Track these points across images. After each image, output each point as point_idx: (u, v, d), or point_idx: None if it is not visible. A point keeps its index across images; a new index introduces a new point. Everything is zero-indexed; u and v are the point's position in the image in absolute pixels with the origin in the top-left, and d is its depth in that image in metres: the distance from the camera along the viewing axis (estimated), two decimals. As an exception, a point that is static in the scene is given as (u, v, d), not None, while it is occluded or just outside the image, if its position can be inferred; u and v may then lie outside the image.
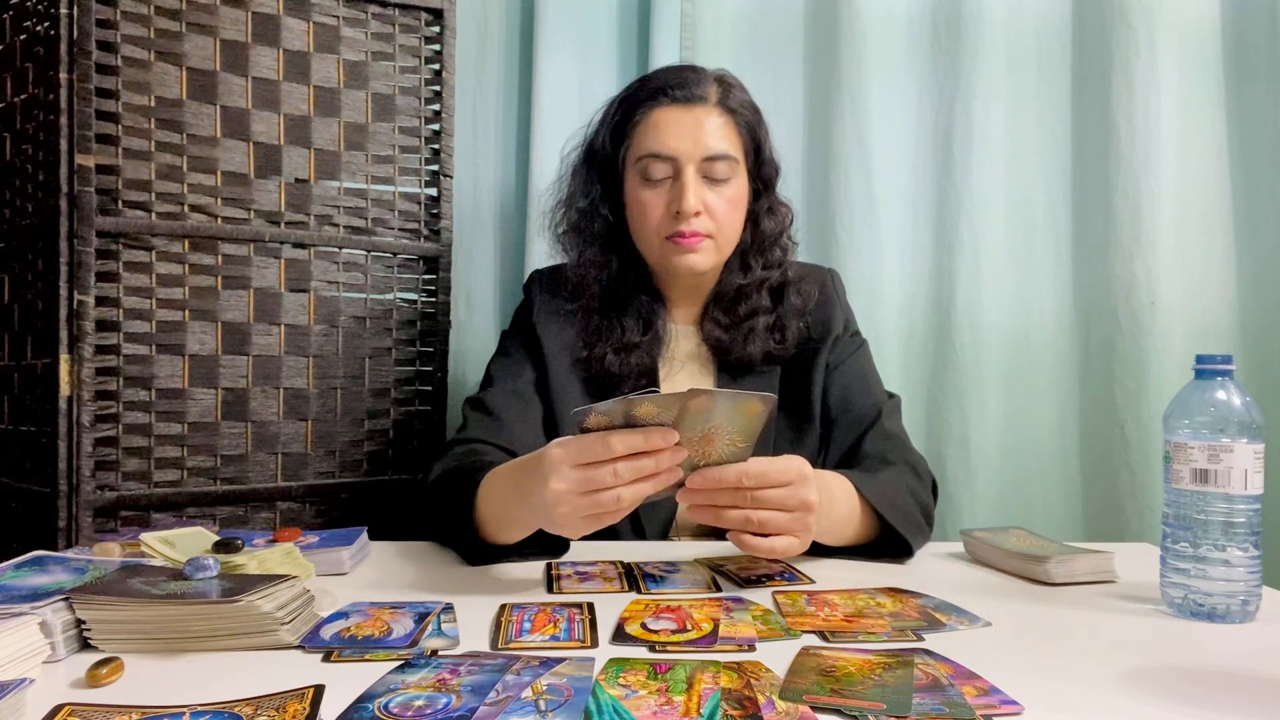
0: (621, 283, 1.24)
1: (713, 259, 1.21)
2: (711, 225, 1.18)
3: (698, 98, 1.18)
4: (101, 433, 1.29)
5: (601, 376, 1.21)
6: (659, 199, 1.18)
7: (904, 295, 1.70)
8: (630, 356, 1.21)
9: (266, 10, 1.39)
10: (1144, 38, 1.62)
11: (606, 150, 1.23)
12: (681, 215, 1.16)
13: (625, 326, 1.22)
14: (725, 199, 1.18)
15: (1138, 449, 1.61)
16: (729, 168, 1.18)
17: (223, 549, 0.86)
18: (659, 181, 1.18)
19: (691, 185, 1.16)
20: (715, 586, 0.91)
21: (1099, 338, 1.67)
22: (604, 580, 0.92)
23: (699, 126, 1.17)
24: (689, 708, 0.59)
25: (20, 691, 0.58)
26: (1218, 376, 0.82)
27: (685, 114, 1.17)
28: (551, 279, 1.29)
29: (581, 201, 1.25)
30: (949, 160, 1.67)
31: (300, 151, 1.42)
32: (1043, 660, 0.71)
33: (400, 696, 0.61)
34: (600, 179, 1.24)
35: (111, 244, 1.29)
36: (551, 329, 1.25)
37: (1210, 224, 1.67)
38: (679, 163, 1.16)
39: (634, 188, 1.20)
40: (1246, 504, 0.79)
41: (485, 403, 1.21)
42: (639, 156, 1.19)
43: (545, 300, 1.27)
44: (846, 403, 1.23)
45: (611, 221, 1.24)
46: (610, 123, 1.23)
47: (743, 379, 1.24)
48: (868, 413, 1.22)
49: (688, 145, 1.16)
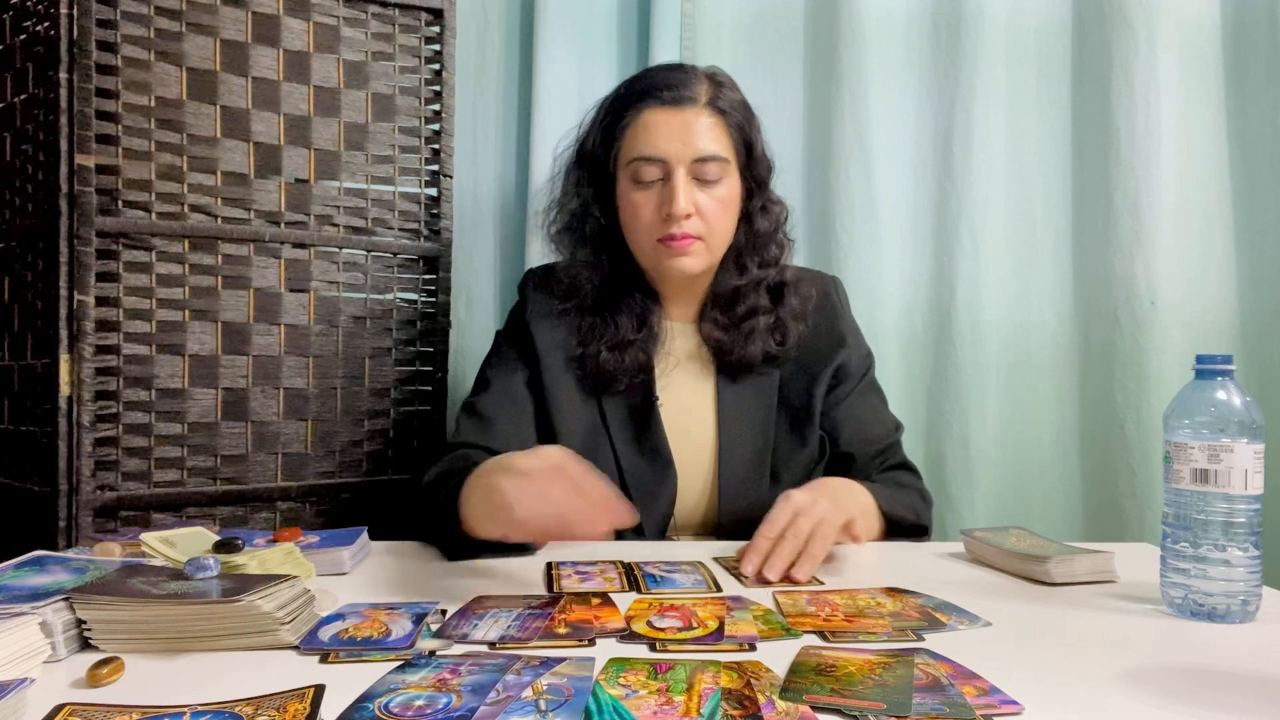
0: (614, 282, 1.24)
1: (704, 261, 1.21)
2: (702, 227, 1.18)
3: (687, 99, 1.17)
4: (101, 433, 1.29)
5: (596, 374, 1.21)
6: (649, 201, 1.18)
7: (904, 295, 1.70)
8: (625, 353, 1.21)
9: (266, 10, 1.39)
10: (1144, 37, 1.62)
11: (597, 152, 1.23)
12: (672, 218, 1.16)
13: (620, 324, 1.22)
14: (716, 200, 1.18)
15: (1138, 449, 1.61)
16: (720, 168, 1.18)
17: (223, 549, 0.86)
18: (649, 184, 1.17)
19: (681, 187, 1.15)
20: (715, 586, 0.91)
21: (1099, 338, 1.67)
22: (604, 580, 0.92)
23: (689, 128, 1.16)
24: (689, 707, 0.59)
25: (20, 691, 0.58)
26: (1218, 376, 0.82)
27: (674, 115, 1.17)
28: (545, 278, 1.29)
29: (573, 203, 1.25)
30: (949, 160, 1.67)
31: (300, 151, 1.42)
32: (1043, 660, 0.70)
33: (400, 696, 0.61)
34: (592, 180, 1.24)
35: (111, 244, 1.29)
36: (545, 327, 1.25)
37: (1210, 224, 1.67)
38: (669, 165, 1.16)
39: (625, 190, 1.20)
40: (1246, 504, 0.79)
41: (476, 407, 1.21)
42: (629, 159, 1.18)
43: (539, 299, 1.27)
44: (866, 435, 1.26)
45: (603, 222, 1.24)
46: (600, 124, 1.23)
47: (742, 379, 1.24)
48: (884, 443, 1.27)
49: (677, 147, 1.16)
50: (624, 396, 1.22)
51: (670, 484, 1.20)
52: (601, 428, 1.21)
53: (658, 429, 1.21)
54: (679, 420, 1.23)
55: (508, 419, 1.20)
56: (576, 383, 1.22)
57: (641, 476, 1.20)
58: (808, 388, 1.24)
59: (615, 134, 1.20)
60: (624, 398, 1.22)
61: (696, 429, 1.23)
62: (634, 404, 1.22)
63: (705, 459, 1.22)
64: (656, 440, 1.21)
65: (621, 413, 1.22)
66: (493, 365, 1.27)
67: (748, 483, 1.21)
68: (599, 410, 1.22)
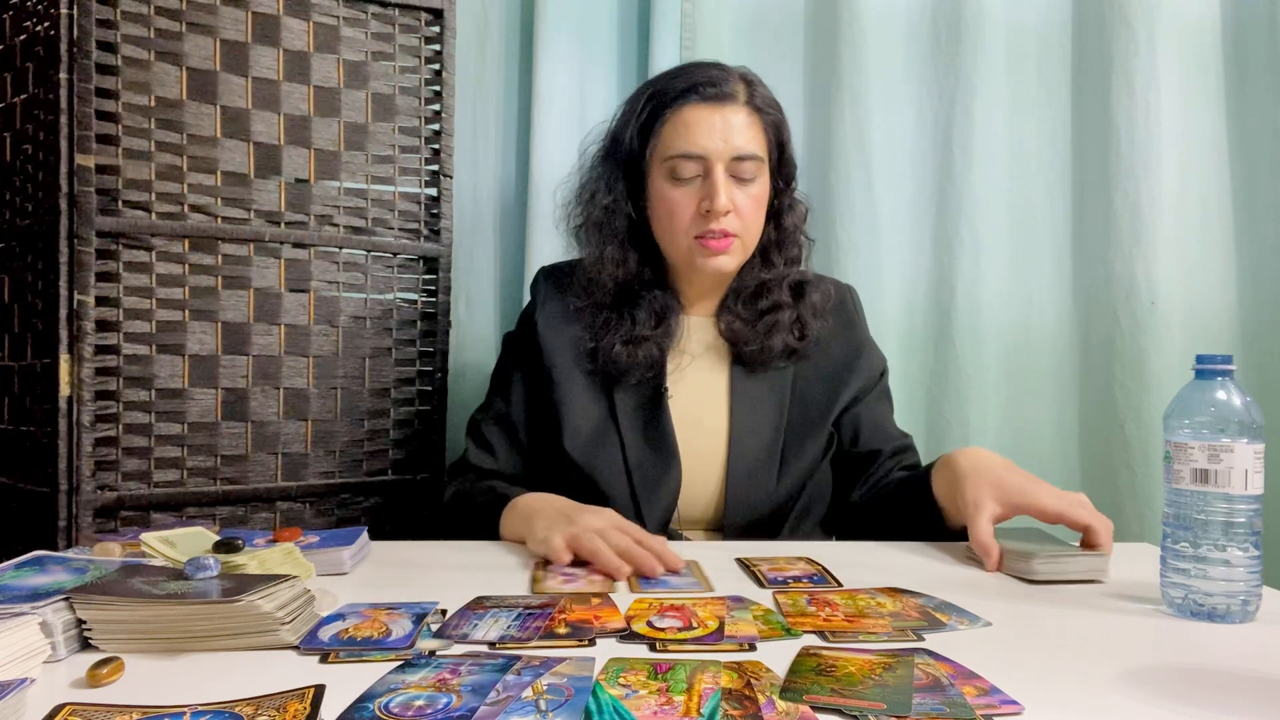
0: (638, 279, 1.25)
1: (739, 259, 1.22)
2: (739, 224, 1.19)
3: (727, 95, 1.18)
4: (101, 433, 1.29)
5: (608, 368, 1.22)
6: (688, 198, 1.18)
7: (904, 295, 1.70)
8: (639, 348, 1.22)
9: (266, 10, 1.39)
10: (1144, 38, 1.62)
11: (633, 147, 1.22)
12: (712, 214, 1.16)
13: (637, 319, 1.23)
14: (751, 198, 1.19)
15: (1138, 449, 1.61)
16: (755, 167, 1.19)
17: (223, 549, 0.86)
18: (688, 180, 1.18)
19: (722, 184, 1.16)
20: (709, 586, 0.90)
21: (1099, 337, 1.67)
22: (587, 583, 0.91)
23: (728, 125, 1.17)
24: (689, 708, 0.59)
25: (21, 691, 0.58)
26: (1218, 376, 0.82)
27: (714, 113, 1.17)
28: (558, 275, 1.30)
29: (605, 198, 1.24)
30: (949, 160, 1.67)
31: (300, 151, 1.42)
32: (1043, 660, 0.70)
33: (400, 696, 0.61)
34: (624, 175, 1.24)
35: (111, 244, 1.29)
36: (554, 325, 1.25)
37: (1210, 224, 1.67)
38: (709, 162, 1.16)
39: (661, 186, 1.20)
40: (1246, 504, 0.79)
41: (480, 430, 1.28)
42: (667, 155, 1.18)
43: (550, 296, 1.28)
44: (885, 435, 1.28)
45: (634, 218, 1.24)
46: (637, 119, 1.22)
47: (757, 373, 1.25)
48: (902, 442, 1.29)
49: (718, 144, 1.16)
50: (636, 389, 1.23)
51: (674, 476, 1.20)
52: (610, 421, 1.22)
53: (666, 421, 1.21)
54: (692, 409, 1.23)
55: (503, 448, 1.27)
56: (587, 377, 1.23)
57: (647, 468, 1.20)
58: (822, 388, 1.26)
59: (653, 129, 1.20)
60: (635, 390, 1.23)
61: (710, 418, 1.24)
62: (644, 396, 1.23)
63: (717, 448, 1.23)
64: (664, 432, 1.21)
65: (631, 405, 1.23)
66: (496, 381, 1.32)
67: (756, 474, 1.21)
68: (610, 403, 1.23)
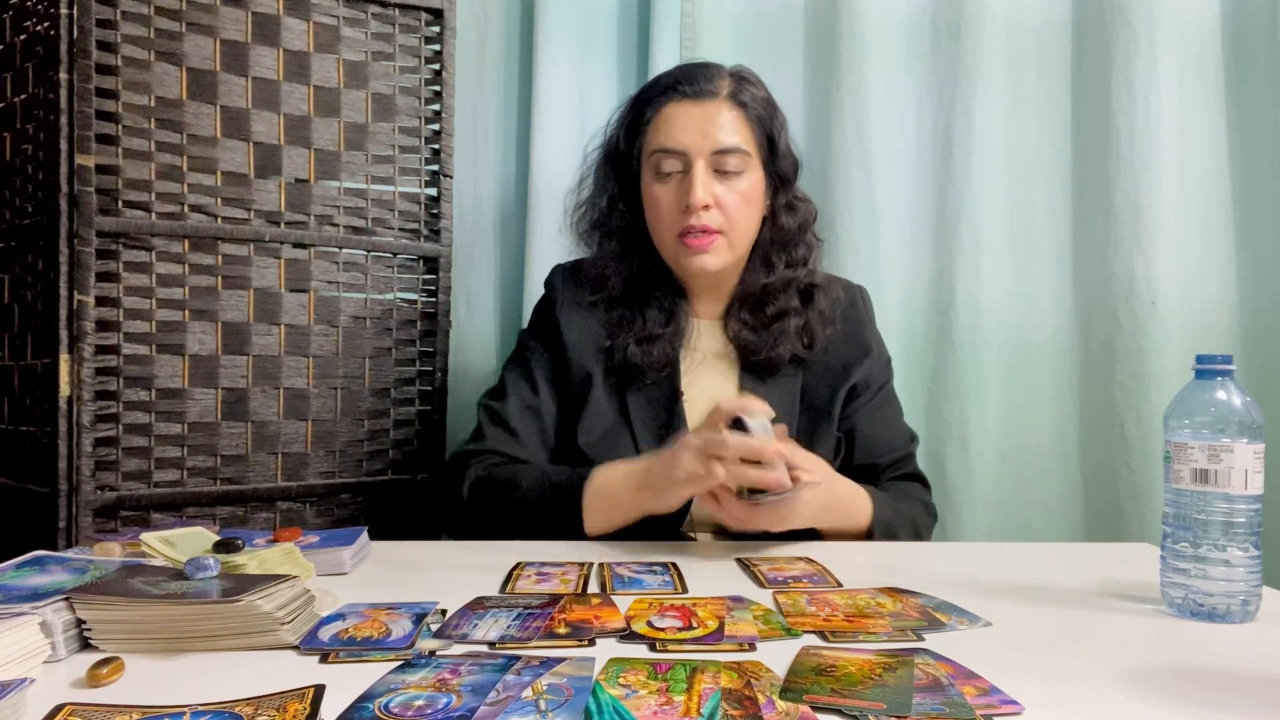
0: (642, 278, 1.25)
1: (725, 258, 1.21)
2: (722, 220, 1.18)
3: (708, 92, 1.19)
4: (101, 433, 1.29)
5: (624, 366, 1.22)
6: (670, 194, 1.19)
7: (904, 295, 1.70)
8: (653, 347, 1.22)
9: (266, 10, 1.39)
10: (1144, 38, 1.62)
11: (623, 148, 1.25)
12: (690, 209, 1.16)
13: (648, 317, 1.23)
14: (737, 193, 1.19)
15: (1138, 449, 1.61)
16: (740, 161, 1.18)
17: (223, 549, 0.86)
18: (670, 176, 1.19)
19: (700, 178, 1.16)
20: (682, 587, 0.89)
21: (1099, 337, 1.67)
22: (561, 582, 0.91)
23: (709, 120, 1.17)
24: (689, 708, 0.59)
25: (21, 691, 0.58)
26: (1218, 376, 0.82)
27: (695, 109, 1.18)
28: (574, 273, 1.30)
29: (601, 199, 1.27)
30: (949, 160, 1.67)
31: (300, 151, 1.42)
32: (1043, 660, 0.70)
33: (400, 696, 0.61)
34: (618, 176, 1.26)
35: (111, 244, 1.29)
36: (574, 320, 1.26)
37: (1210, 224, 1.67)
38: (689, 157, 1.17)
39: (648, 184, 1.21)
40: (1246, 504, 0.79)
41: (503, 416, 1.23)
42: (651, 152, 1.20)
43: (569, 292, 1.28)
44: (881, 446, 1.27)
45: (630, 219, 1.25)
46: (625, 120, 1.25)
47: (766, 379, 1.24)
48: (898, 453, 1.28)
49: (697, 139, 1.17)
50: (649, 391, 1.23)
51: None
52: (623, 421, 1.22)
53: (681, 424, 1.21)
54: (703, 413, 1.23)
55: (530, 432, 1.23)
56: (603, 375, 1.23)
57: None
58: (829, 391, 1.25)
59: (639, 128, 1.22)
60: (649, 392, 1.23)
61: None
62: (658, 398, 1.23)
63: None
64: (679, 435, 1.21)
65: (645, 406, 1.22)
66: (514, 373, 1.28)
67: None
68: (622, 404, 1.22)
